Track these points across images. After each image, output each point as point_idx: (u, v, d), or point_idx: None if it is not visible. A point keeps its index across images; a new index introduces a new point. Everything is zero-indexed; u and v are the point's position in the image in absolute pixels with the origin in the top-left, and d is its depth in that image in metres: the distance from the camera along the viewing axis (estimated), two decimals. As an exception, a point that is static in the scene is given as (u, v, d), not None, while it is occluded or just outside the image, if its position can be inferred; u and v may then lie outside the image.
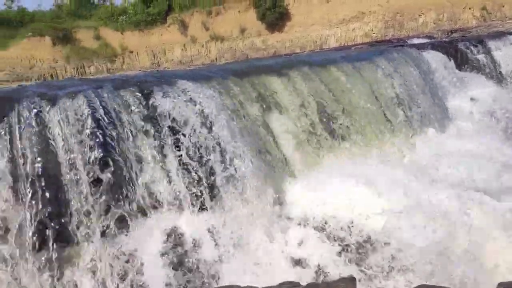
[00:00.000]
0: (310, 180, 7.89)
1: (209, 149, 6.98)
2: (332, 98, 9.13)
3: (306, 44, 23.32)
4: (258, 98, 8.24)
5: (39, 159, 6.08)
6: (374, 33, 23.41)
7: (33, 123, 6.34)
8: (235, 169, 7.09)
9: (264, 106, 8.25)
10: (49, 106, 6.57)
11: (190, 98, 7.39)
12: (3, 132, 6.25)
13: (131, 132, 6.84)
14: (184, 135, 7.03)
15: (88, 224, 6.01)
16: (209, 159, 6.98)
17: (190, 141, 7.05)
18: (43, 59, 23.48)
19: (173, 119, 7.09)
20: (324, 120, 8.82)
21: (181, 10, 23.95)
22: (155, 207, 6.73)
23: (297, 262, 6.62)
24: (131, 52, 24.56)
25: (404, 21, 23.59)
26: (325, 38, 23.61)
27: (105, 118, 6.64)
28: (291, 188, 7.79)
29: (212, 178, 6.95)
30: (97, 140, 6.36)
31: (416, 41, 18.81)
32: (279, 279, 5.86)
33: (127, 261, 6.03)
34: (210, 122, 7.14)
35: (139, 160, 6.80)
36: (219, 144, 7.05)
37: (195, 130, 7.04)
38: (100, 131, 6.46)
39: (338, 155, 8.65)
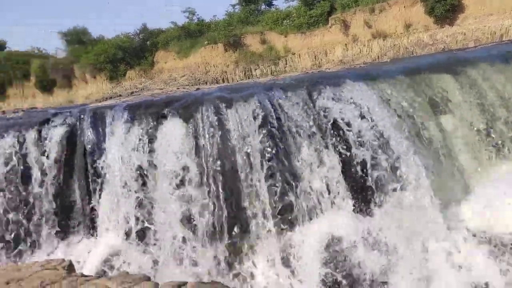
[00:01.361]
0: (486, 191, 7.12)
1: (374, 152, 6.85)
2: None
3: (481, 37, 20.93)
4: (428, 98, 7.75)
5: (219, 154, 6.86)
6: None
7: (214, 122, 7.16)
8: (401, 173, 6.82)
9: (435, 107, 7.72)
10: (227, 107, 7.33)
11: (355, 100, 7.36)
12: (191, 131, 7.22)
13: (298, 132, 7.15)
14: (348, 136, 7.05)
15: (263, 219, 6.50)
16: (374, 163, 6.85)
17: (355, 143, 7.02)
18: (216, 64, 25.87)
19: (338, 120, 7.16)
20: (507, 124, 7.83)
21: (343, 9, 23.84)
22: (317, 208, 6.90)
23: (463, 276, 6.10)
24: (294, 54, 25.34)
25: None
26: (506, 28, 20.86)
27: (275, 118, 7.08)
28: (463, 198, 7.14)
29: (375, 182, 6.82)
30: (268, 139, 6.84)
31: None
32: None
33: (293, 257, 6.34)
34: (376, 124, 7.00)
35: (304, 160, 7.06)
36: (384, 147, 6.87)
37: (359, 132, 6.99)
38: (271, 131, 6.92)
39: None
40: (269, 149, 6.66)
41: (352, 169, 7.03)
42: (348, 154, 6.96)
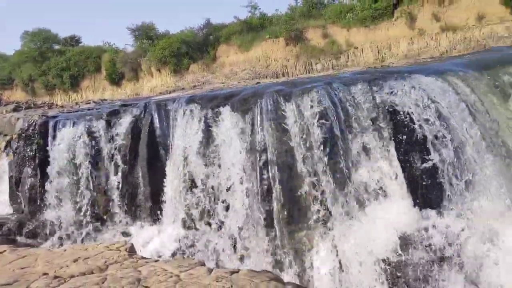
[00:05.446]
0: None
1: (440, 146, 6.57)
2: None
3: None
4: (501, 92, 7.31)
5: (274, 143, 6.91)
6: None
7: (271, 114, 7.20)
8: (467, 166, 6.52)
9: (508, 101, 7.27)
10: (285, 100, 7.33)
11: (419, 93, 7.09)
12: (248, 121, 7.34)
13: (356, 124, 7.00)
14: (411, 129, 6.82)
15: (320, 208, 6.48)
16: (440, 156, 6.58)
17: (417, 137, 6.79)
18: (277, 58, 25.86)
19: (401, 114, 6.94)
20: None
21: (410, 1, 22.85)
22: (373, 199, 6.73)
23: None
24: (356, 48, 24.74)
25: None
26: None
27: (334, 110, 6.98)
28: None
29: (443, 178, 6.55)
30: (325, 130, 6.78)
31: None
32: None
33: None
34: (443, 118, 6.70)
35: (362, 151, 6.90)
36: (451, 141, 6.57)
37: (426, 125, 6.72)
38: (328, 123, 6.83)
39: None
40: (323, 140, 6.61)
41: (415, 164, 6.81)
42: (408, 147, 6.75)
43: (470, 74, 7.74)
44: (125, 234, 8.06)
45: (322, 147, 6.61)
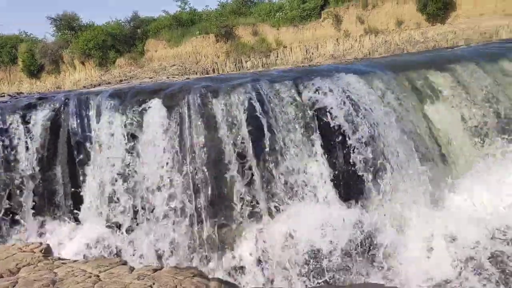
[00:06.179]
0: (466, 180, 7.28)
1: (360, 142, 6.89)
2: (505, 95, 8.15)
3: (472, 36, 21.08)
4: (416, 93, 7.85)
5: (202, 139, 6.86)
6: (562, 21, 19.96)
7: (199, 110, 7.13)
8: (386, 162, 6.90)
9: (423, 101, 7.81)
10: (213, 96, 7.30)
11: (342, 92, 7.38)
12: (175, 116, 7.20)
13: (283, 121, 7.15)
14: (334, 127, 7.08)
15: (247, 205, 6.53)
16: (360, 152, 6.89)
17: (339, 133, 7.07)
18: (207, 54, 25.69)
19: (325, 111, 7.18)
20: (494, 118, 7.93)
21: (336, 4, 23.78)
22: (299, 195, 6.91)
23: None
24: (285, 47, 25.28)
25: None
26: (496, 29, 20.98)
27: (260, 108, 7.07)
28: (448, 185, 7.28)
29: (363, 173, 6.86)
30: (252, 127, 6.86)
31: None
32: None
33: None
34: (364, 116, 7.03)
35: (289, 148, 7.07)
36: (372, 138, 6.91)
37: (348, 122, 7.01)
38: (255, 119, 6.92)
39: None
40: (251, 135, 6.68)
41: (338, 160, 7.08)
42: (332, 144, 7.01)
43: (389, 75, 8.18)
44: (42, 235, 7.57)
45: (250, 144, 6.66)
